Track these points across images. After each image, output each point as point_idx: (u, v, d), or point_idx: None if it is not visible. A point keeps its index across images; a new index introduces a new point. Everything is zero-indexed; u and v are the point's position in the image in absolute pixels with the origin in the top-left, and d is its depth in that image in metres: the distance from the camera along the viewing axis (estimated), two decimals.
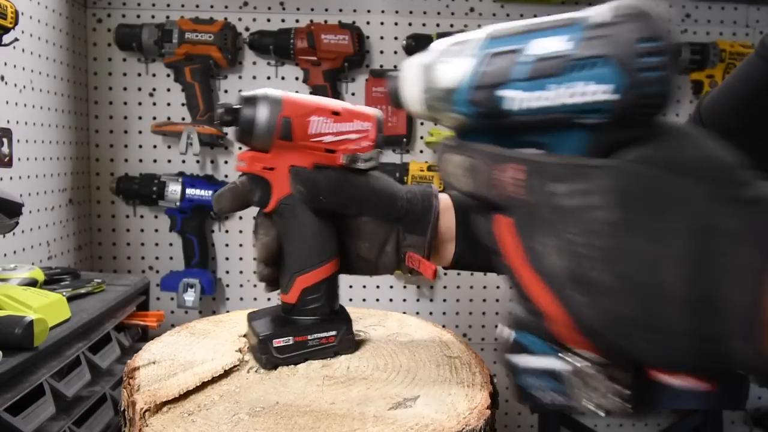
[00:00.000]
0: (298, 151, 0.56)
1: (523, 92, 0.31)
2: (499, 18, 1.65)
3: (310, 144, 0.56)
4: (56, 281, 0.99)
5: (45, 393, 0.76)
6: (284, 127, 0.54)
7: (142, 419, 0.48)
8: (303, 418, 0.48)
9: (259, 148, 0.56)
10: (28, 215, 1.28)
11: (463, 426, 0.47)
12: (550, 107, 0.31)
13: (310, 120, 0.55)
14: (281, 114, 0.54)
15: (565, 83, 0.30)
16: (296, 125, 0.54)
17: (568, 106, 0.30)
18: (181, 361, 0.58)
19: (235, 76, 1.63)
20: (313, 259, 0.58)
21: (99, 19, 1.60)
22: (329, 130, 0.56)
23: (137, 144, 1.63)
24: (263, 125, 0.54)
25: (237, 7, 1.62)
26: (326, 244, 0.59)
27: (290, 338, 0.57)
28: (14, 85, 1.24)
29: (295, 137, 0.55)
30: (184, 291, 1.55)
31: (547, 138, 0.32)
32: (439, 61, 0.33)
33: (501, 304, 1.73)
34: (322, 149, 0.56)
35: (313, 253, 0.58)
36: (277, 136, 0.54)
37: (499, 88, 0.31)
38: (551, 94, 0.30)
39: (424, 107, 0.35)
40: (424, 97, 0.35)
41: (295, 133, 0.54)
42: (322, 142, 0.56)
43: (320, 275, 0.58)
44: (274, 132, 0.54)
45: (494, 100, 0.31)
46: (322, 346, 0.59)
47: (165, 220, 1.61)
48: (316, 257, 0.58)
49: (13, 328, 0.71)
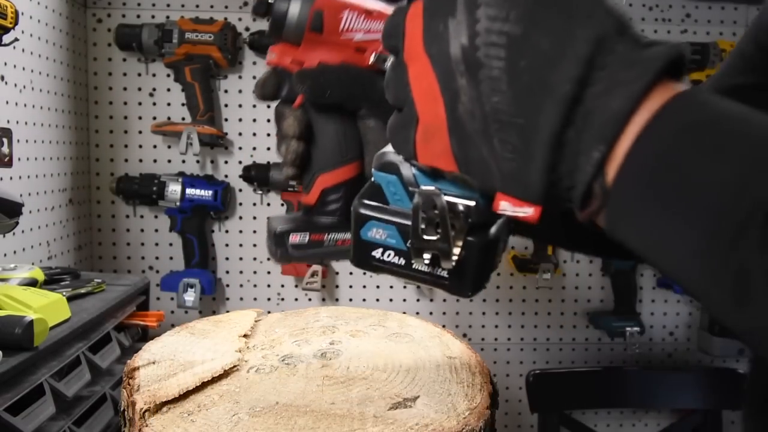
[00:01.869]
0: (328, 46, 0.55)
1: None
2: None
3: (340, 40, 0.55)
4: (56, 281, 0.99)
5: (45, 393, 0.76)
6: (316, 19, 0.54)
7: (142, 419, 0.48)
8: (303, 418, 0.48)
9: (290, 41, 0.55)
10: (28, 215, 1.28)
11: (463, 426, 0.47)
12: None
13: (342, 15, 0.55)
14: (314, 7, 0.54)
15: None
16: (328, 19, 0.54)
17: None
18: (180, 361, 0.58)
19: (236, 76, 1.63)
20: (336, 158, 0.57)
21: (99, 19, 1.60)
22: (361, 27, 0.55)
23: (137, 144, 1.63)
24: (295, 17, 0.54)
25: (237, 7, 1.61)
26: (349, 144, 0.58)
27: (307, 234, 0.57)
28: (14, 85, 1.24)
29: (326, 31, 0.54)
30: (184, 291, 1.55)
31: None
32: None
33: (501, 305, 1.74)
34: (352, 47, 0.56)
35: (336, 152, 0.57)
36: (308, 29, 0.54)
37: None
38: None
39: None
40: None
41: (326, 26, 0.54)
42: (353, 40, 0.55)
43: (342, 176, 0.58)
44: (306, 24, 0.54)
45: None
46: (338, 248, 0.58)
47: (165, 220, 1.61)
48: (339, 156, 0.57)
49: (13, 328, 0.71)
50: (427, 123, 0.33)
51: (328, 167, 0.57)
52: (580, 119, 0.29)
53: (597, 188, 0.29)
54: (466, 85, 0.31)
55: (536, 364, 1.74)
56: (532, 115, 0.29)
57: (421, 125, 0.34)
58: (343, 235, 0.58)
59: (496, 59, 0.30)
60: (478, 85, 0.30)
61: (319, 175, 0.57)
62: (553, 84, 0.29)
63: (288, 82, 0.56)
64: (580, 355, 1.76)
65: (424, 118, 0.33)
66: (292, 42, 0.55)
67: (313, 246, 0.57)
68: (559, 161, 0.29)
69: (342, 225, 0.58)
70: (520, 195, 0.31)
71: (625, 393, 1.52)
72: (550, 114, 0.29)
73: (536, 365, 1.73)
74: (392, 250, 0.40)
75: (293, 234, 0.56)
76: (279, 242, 0.56)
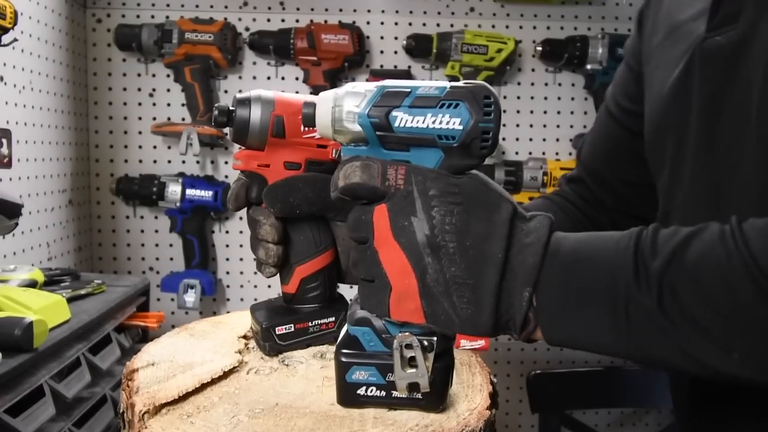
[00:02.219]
0: (291, 147, 0.59)
1: (407, 115, 0.45)
2: (499, 18, 1.64)
3: (302, 141, 0.59)
4: (56, 282, 0.99)
5: (45, 394, 0.76)
6: (277, 125, 0.57)
7: (141, 421, 0.48)
8: (302, 419, 0.48)
9: (254, 147, 0.59)
10: (27, 216, 1.28)
11: (463, 426, 0.47)
12: (422, 129, 0.45)
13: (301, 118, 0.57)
14: (274, 113, 0.57)
15: (437, 114, 0.45)
16: (288, 123, 0.58)
17: (434, 129, 0.45)
18: (180, 363, 0.58)
19: (235, 76, 1.63)
20: (311, 250, 0.61)
21: (98, 19, 1.60)
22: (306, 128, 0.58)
23: (137, 144, 1.63)
24: (257, 125, 0.57)
25: (237, 7, 1.61)
26: (322, 235, 0.62)
27: (292, 325, 0.61)
28: (14, 85, 1.23)
29: (287, 134, 0.58)
30: (185, 292, 1.55)
31: (411, 155, 0.46)
32: (347, 94, 0.46)
33: None
34: (314, 145, 0.60)
35: (311, 245, 0.61)
36: (270, 135, 0.57)
37: (393, 110, 0.45)
38: (426, 119, 0.45)
39: (330, 123, 0.47)
40: (332, 116, 0.46)
41: (287, 130, 0.58)
42: (314, 138, 0.59)
43: (318, 264, 0.62)
44: (268, 131, 0.57)
45: (387, 117, 0.45)
46: (323, 332, 0.62)
47: (165, 220, 1.61)
48: (314, 247, 0.61)
49: (13, 329, 0.71)
50: (400, 290, 0.45)
51: (304, 259, 0.61)
52: (509, 274, 0.44)
53: (531, 314, 0.44)
54: (432, 261, 0.44)
55: (536, 364, 1.74)
56: (479, 276, 0.43)
57: (395, 292, 0.45)
58: (326, 320, 0.62)
59: (450, 242, 0.44)
60: (440, 260, 0.44)
61: (297, 267, 0.61)
62: (490, 254, 0.43)
63: (255, 186, 0.59)
64: (580, 355, 1.76)
65: (398, 287, 0.45)
66: (256, 147, 0.58)
67: (299, 334, 0.61)
68: (500, 303, 0.44)
69: (323, 311, 0.62)
70: (475, 333, 0.44)
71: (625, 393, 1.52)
72: (491, 274, 0.43)
73: (536, 365, 1.73)
74: (374, 386, 0.48)
75: (278, 327, 0.60)
76: (266, 336, 0.60)
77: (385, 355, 0.48)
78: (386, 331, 0.48)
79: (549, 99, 1.68)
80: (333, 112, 0.46)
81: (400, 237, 0.44)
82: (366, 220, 0.46)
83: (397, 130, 0.45)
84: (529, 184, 1.59)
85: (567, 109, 1.68)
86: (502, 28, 1.64)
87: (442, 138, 0.45)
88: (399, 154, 0.46)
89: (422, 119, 0.45)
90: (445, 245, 0.43)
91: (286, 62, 1.61)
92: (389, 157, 0.46)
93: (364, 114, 0.45)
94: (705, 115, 0.57)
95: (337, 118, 0.46)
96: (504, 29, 1.64)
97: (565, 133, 1.69)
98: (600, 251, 0.44)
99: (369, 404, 0.49)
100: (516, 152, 1.68)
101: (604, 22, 1.65)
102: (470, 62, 1.56)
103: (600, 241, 0.45)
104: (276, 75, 1.62)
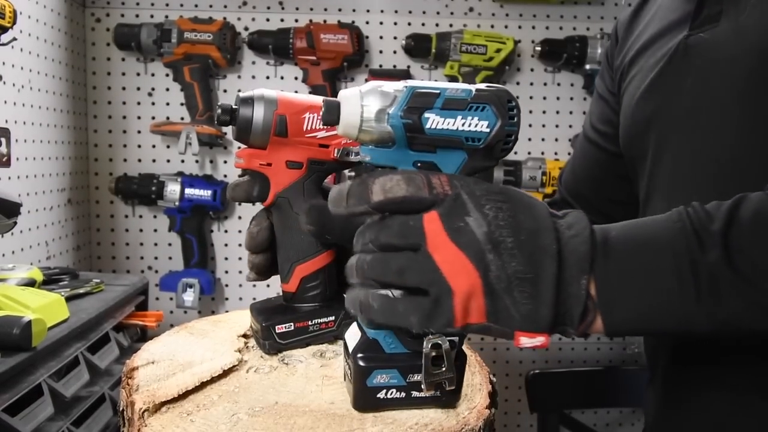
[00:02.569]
0: (293, 146, 0.59)
1: (439, 116, 0.45)
2: (498, 18, 1.65)
3: (304, 140, 0.59)
4: (55, 281, 0.99)
5: (43, 393, 0.76)
6: (279, 124, 0.57)
7: (141, 419, 0.48)
8: (302, 418, 0.48)
9: (256, 146, 0.59)
10: (26, 215, 1.28)
11: (462, 426, 0.47)
12: (452, 131, 0.45)
13: (304, 117, 0.58)
14: (276, 112, 0.57)
15: (466, 116, 0.45)
16: (291, 122, 0.58)
17: (462, 131, 0.45)
18: (180, 361, 0.58)
19: (234, 75, 1.63)
20: (311, 249, 0.61)
21: (98, 18, 1.60)
22: (323, 126, 0.58)
23: (136, 144, 1.63)
24: (260, 123, 0.57)
25: (236, 7, 1.61)
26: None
27: (292, 324, 0.61)
28: (12, 84, 1.23)
29: (290, 134, 0.58)
30: (183, 291, 1.55)
31: (437, 156, 0.46)
32: (375, 93, 0.45)
33: None
34: (316, 144, 0.59)
35: (310, 243, 0.61)
36: (273, 134, 0.57)
37: (425, 111, 0.45)
38: (456, 121, 0.45)
39: (358, 123, 0.45)
40: (360, 116, 0.45)
41: (290, 129, 0.58)
42: (316, 138, 0.59)
43: (318, 264, 0.62)
44: (271, 129, 0.57)
45: (420, 119, 0.45)
46: (323, 331, 0.62)
47: (164, 220, 1.61)
48: (314, 246, 0.61)
49: (11, 328, 0.71)
50: (464, 291, 0.43)
51: (304, 258, 0.61)
52: (564, 264, 0.43)
53: (589, 303, 0.44)
54: (494, 258, 0.43)
55: (536, 364, 1.74)
56: (538, 269, 0.43)
57: (458, 295, 0.43)
58: (326, 319, 0.62)
59: (507, 237, 0.43)
60: (501, 256, 0.43)
61: (297, 266, 0.61)
62: (544, 247, 0.43)
63: (257, 184, 0.60)
64: (579, 355, 1.76)
65: (461, 289, 0.43)
66: (259, 146, 0.59)
67: (299, 333, 0.61)
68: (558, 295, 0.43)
69: (323, 310, 0.62)
70: (535, 328, 0.43)
71: (624, 393, 1.52)
72: (549, 266, 0.43)
73: (536, 365, 1.73)
74: (394, 388, 0.48)
75: (278, 325, 0.60)
76: (266, 335, 0.60)
77: (404, 356, 0.48)
78: (409, 332, 0.46)
79: (548, 99, 1.68)
80: (362, 111, 0.45)
81: (458, 238, 0.43)
82: (416, 226, 0.44)
83: (428, 132, 0.45)
84: (527, 184, 1.59)
85: (566, 109, 1.69)
86: (501, 28, 1.64)
87: (468, 140, 0.46)
88: (426, 155, 0.46)
89: (453, 121, 0.45)
90: (503, 240, 0.43)
91: (285, 62, 1.61)
92: (415, 159, 0.46)
93: (396, 114, 0.44)
94: (689, 101, 0.61)
95: (366, 118, 0.45)
96: (503, 29, 1.64)
97: (564, 133, 1.69)
98: (651, 230, 0.45)
99: (388, 407, 0.49)
100: (515, 152, 1.68)
101: (603, 22, 1.65)
102: (469, 62, 1.56)
103: (646, 223, 0.46)
104: (275, 74, 1.62)
